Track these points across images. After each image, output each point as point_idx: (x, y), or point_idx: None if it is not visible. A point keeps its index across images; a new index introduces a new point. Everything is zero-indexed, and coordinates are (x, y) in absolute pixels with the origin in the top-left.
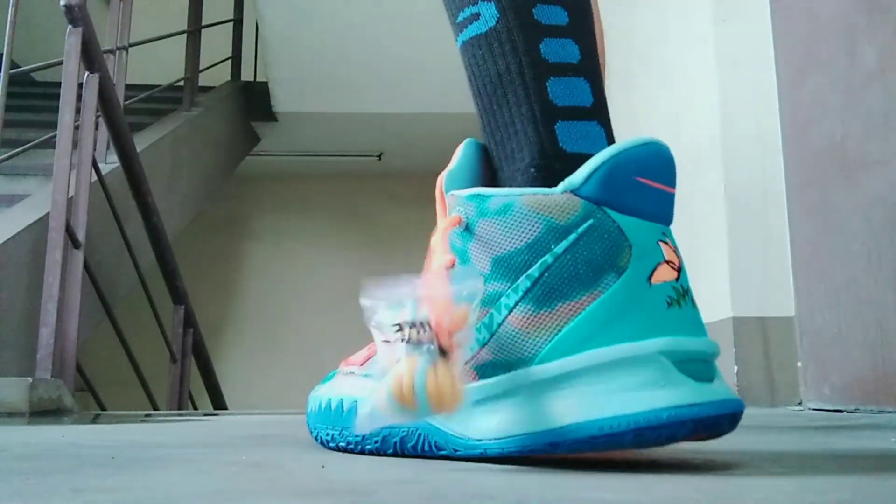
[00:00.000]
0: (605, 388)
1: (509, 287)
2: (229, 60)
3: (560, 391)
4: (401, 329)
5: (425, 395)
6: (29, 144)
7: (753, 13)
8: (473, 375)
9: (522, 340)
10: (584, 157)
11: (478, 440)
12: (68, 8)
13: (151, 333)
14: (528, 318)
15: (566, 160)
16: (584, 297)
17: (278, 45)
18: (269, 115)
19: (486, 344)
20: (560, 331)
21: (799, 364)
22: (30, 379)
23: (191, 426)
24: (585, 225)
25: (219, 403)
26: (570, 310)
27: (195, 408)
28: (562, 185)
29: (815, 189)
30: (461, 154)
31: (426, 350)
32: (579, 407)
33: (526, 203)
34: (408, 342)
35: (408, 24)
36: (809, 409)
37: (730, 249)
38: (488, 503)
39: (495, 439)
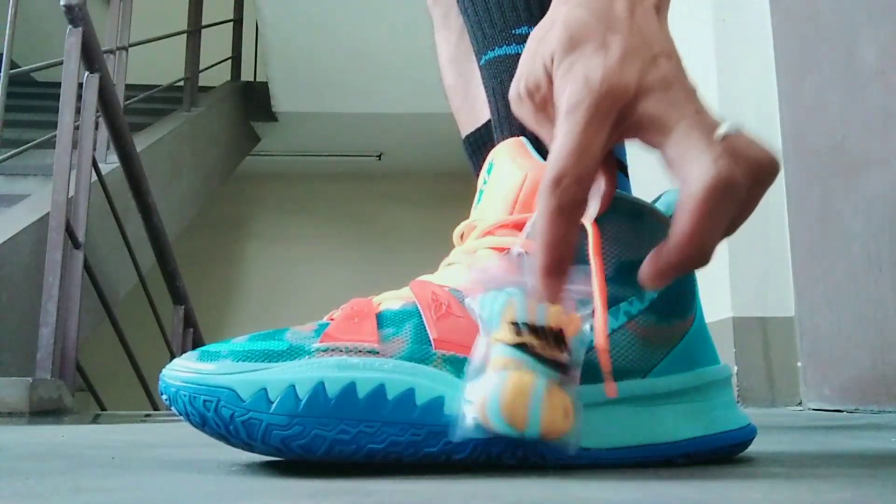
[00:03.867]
0: (715, 405)
1: (633, 294)
2: (229, 60)
3: (676, 405)
4: (519, 333)
5: (539, 420)
6: (29, 144)
7: (753, 13)
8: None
9: (640, 351)
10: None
11: (585, 448)
12: (68, 8)
13: (151, 333)
14: (649, 330)
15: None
16: (688, 318)
17: (278, 45)
18: (269, 115)
19: (593, 348)
20: (673, 347)
21: (799, 364)
22: (30, 379)
23: (191, 426)
24: None
25: None
26: (681, 328)
27: None
28: (663, 207)
29: (815, 189)
30: None
31: (545, 365)
32: (701, 420)
33: (655, 215)
34: (526, 352)
35: (408, 24)
36: (809, 409)
37: (730, 249)
38: (488, 503)
39: (610, 449)
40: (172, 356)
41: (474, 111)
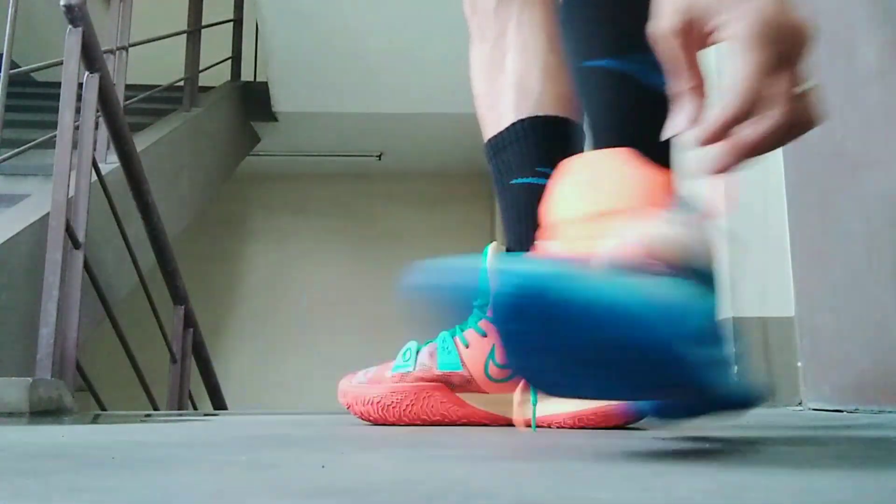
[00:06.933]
0: None
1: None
2: (229, 60)
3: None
4: None
5: None
6: (29, 144)
7: None
8: None
9: None
10: None
11: None
12: (68, 8)
13: (151, 333)
14: None
15: None
16: None
17: (278, 45)
18: (269, 115)
19: None
20: None
21: (799, 364)
22: (30, 379)
23: (191, 426)
24: None
25: (219, 404)
26: None
27: (195, 408)
28: None
29: (815, 189)
30: None
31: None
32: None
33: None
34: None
35: (408, 25)
36: (809, 409)
37: (730, 250)
38: (488, 503)
39: None
40: (172, 356)
41: (499, 118)
